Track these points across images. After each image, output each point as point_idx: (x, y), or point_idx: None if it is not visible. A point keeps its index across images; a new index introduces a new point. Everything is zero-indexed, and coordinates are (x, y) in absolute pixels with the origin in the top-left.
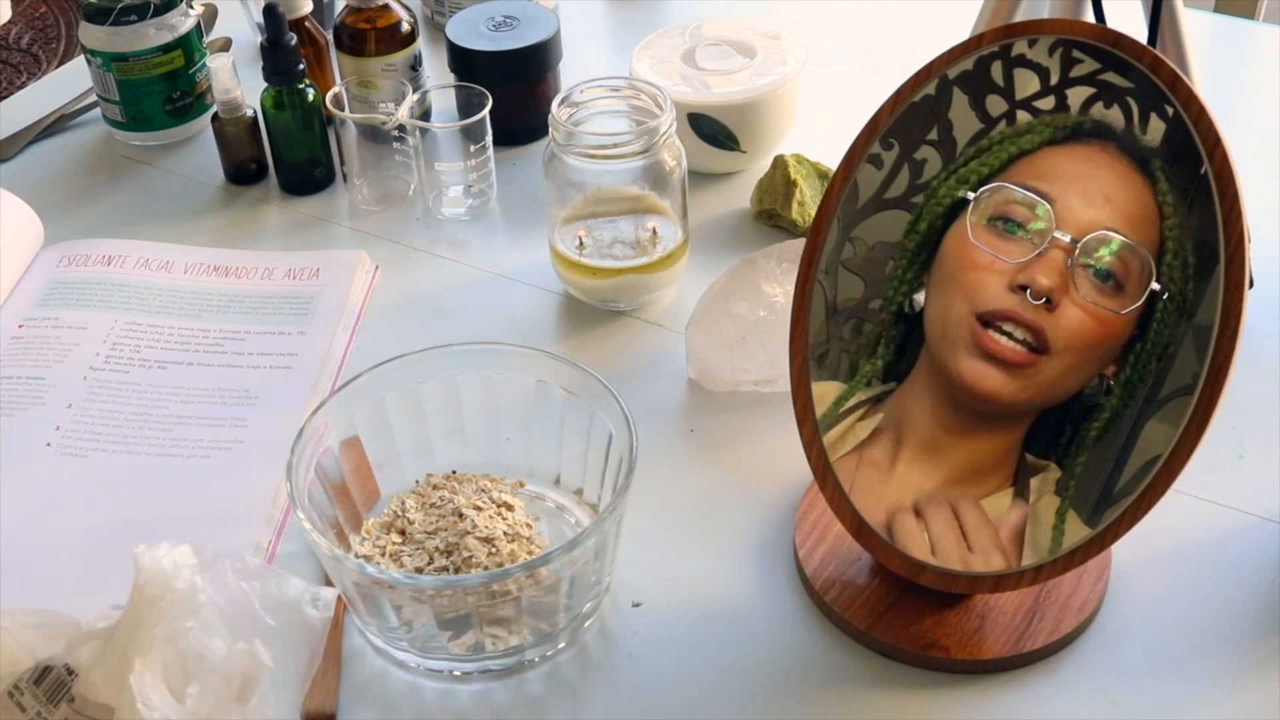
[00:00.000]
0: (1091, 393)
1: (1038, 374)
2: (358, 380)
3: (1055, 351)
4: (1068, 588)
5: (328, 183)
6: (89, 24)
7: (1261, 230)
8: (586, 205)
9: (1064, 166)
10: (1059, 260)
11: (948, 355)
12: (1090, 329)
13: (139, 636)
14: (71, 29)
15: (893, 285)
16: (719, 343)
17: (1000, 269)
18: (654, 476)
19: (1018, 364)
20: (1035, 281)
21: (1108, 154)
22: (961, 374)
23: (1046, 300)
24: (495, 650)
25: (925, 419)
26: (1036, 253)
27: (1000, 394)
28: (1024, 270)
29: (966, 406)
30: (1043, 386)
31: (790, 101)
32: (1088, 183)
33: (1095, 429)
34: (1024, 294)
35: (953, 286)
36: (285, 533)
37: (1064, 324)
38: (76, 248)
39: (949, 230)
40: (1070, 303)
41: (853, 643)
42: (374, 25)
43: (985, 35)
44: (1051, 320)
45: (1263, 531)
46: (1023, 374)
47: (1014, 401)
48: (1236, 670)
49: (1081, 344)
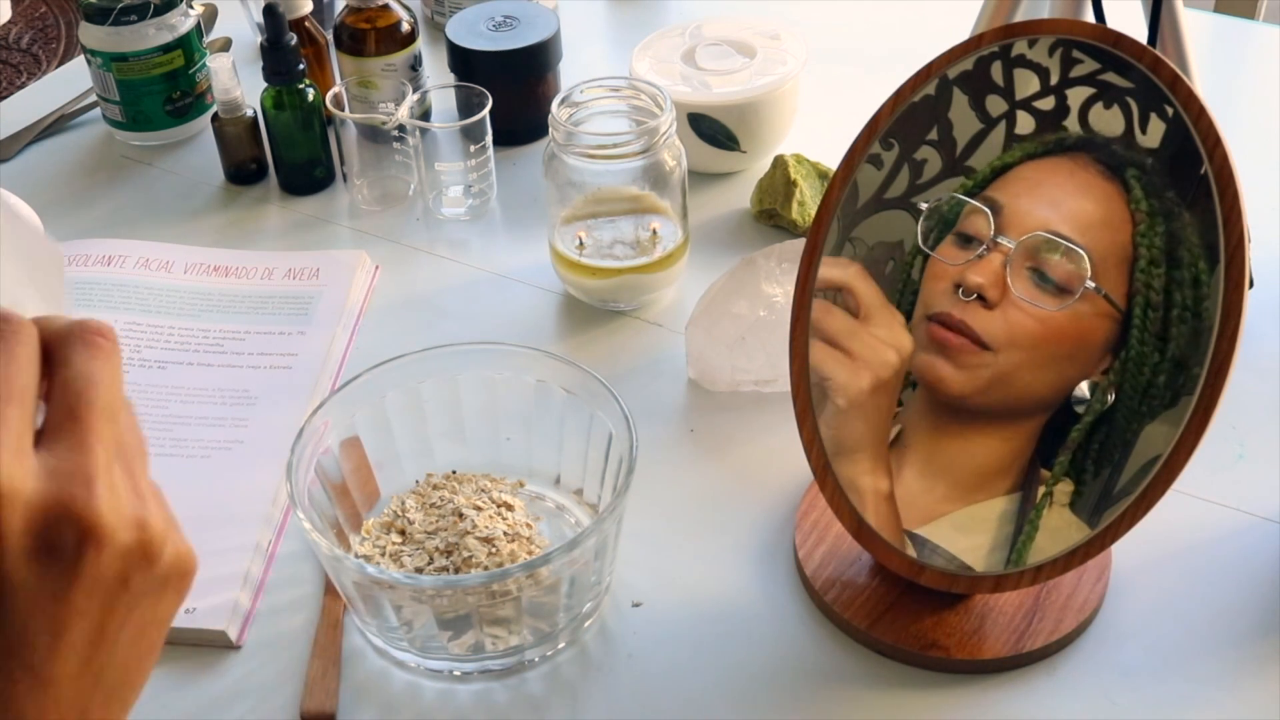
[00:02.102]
0: (1080, 400)
1: (984, 366)
2: (358, 380)
3: (999, 348)
4: (1068, 588)
5: (328, 183)
6: (89, 24)
7: (1261, 230)
8: (586, 205)
9: (1027, 177)
10: (996, 262)
11: (915, 358)
12: (1030, 327)
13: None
14: (71, 29)
15: (893, 299)
16: (719, 343)
17: (949, 275)
18: (654, 476)
19: (959, 350)
20: (965, 279)
21: (1077, 163)
22: (918, 368)
23: (979, 298)
24: (495, 650)
25: (926, 424)
26: (975, 255)
27: (948, 382)
28: (960, 272)
29: (948, 410)
30: (996, 382)
31: (790, 101)
32: (1040, 189)
33: (1078, 431)
34: (958, 294)
35: (920, 298)
36: (285, 533)
37: (1001, 322)
38: (76, 248)
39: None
40: (1009, 303)
41: (853, 643)
42: (374, 25)
43: (985, 35)
44: (984, 318)
45: (1263, 531)
46: (967, 363)
47: (963, 392)
48: (1236, 670)
49: (1025, 342)
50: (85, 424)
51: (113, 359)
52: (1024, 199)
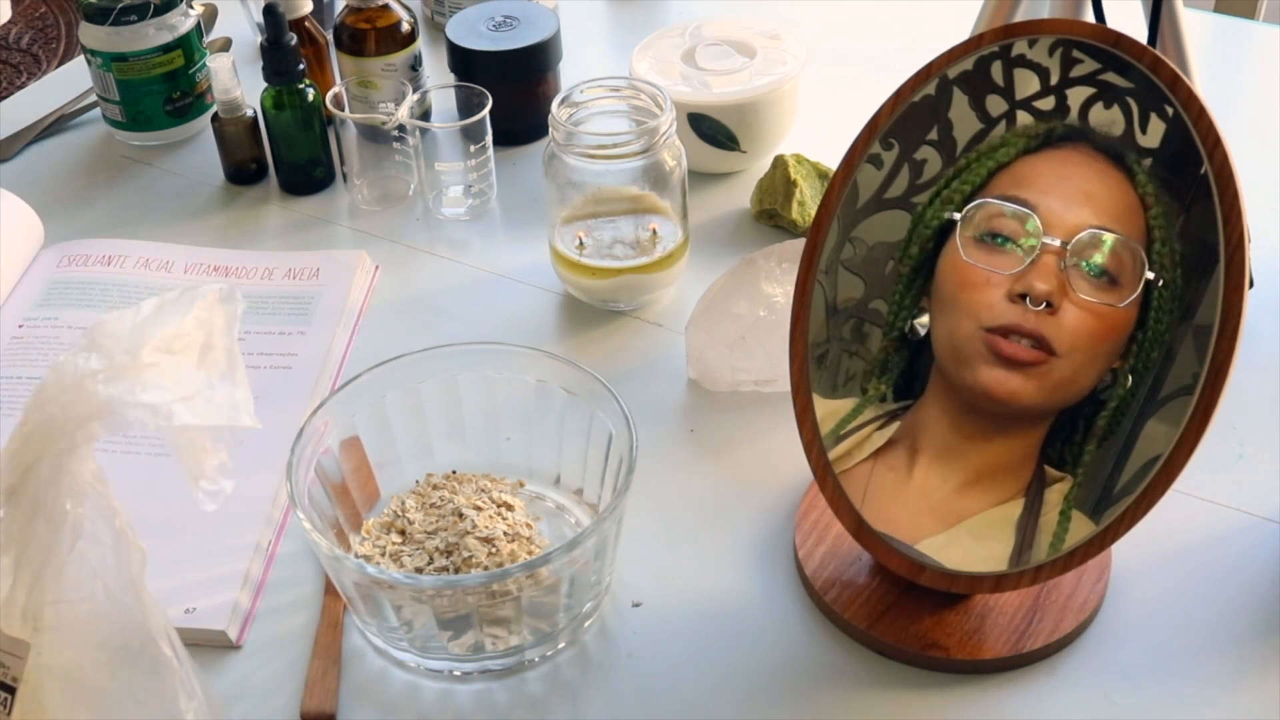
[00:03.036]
0: (1103, 389)
1: (1050, 374)
2: (358, 380)
3: (1062, 353)
4: (1068, 588)
5: (328, 183)
6: (89, 24)
7: (1261, 230)
8: (586, 205)
9: (1041, 172)
10: (1052, 265)
11: (963, 371)
12: (1092, 326)
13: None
14: (71, 29)
15: (893, 311)
16: (719, 343)
17: (997, 282)
18: (654, 476)
19: (1031, 363)
20: (1033, 288)
21: (1082, 154)
22: (982, 384)
23: (1047, 305)
24: (495, 650)
25: (942, 428)
26: (1029, 261)
27: (1020, 395)
28: (1020, 279)
29: (983, 413)
30: (1058, 387)
31: (790, 101)
32: (1067, 185)
33: (1104, 419)
34: (1024, 302)
35: (954, 308)
36: (285, 533)
37: (1067, 325)
38: (76, 248)
39: (941, 253)
40: (1070, 304)
41: (853, 643)
42: (374, 25)
43: (985, 35)
44: (1054, 324)
45: (1263, 531)
46: (1037, 373)
47: (1033, 402)
48: (1236, 670)
49: (1086, 342)
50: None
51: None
52: (1053, 196)
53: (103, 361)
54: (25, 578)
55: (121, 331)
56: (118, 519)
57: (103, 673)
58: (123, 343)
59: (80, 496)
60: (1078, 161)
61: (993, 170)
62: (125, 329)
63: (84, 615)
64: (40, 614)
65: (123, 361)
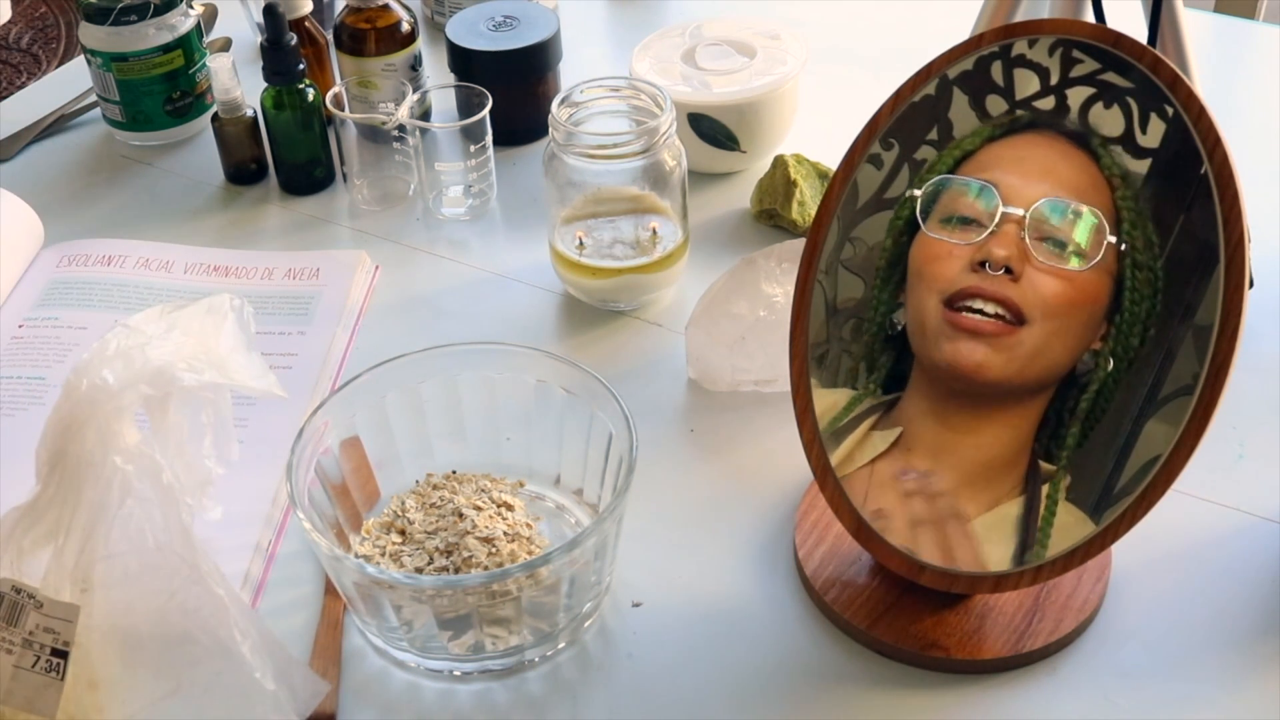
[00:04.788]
0: (1084, 371)
1: (1020, 345)
2: (358, 380)
3: (1033, 319)
4: (1068, 588)
5: (328, 183)
6: (89, 24)
7: (1261, 230)
8: (586, 205)
9: (1003, 156)
10: (1013, 233)
11: (930, 350)
12: (1061, 291)
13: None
14: (71, 29)
15: (873, 305)
16: (719, 343)
17: (959, 253)
18: (654, 476)
19: (995, 334)
20: (992, 254)
21: (1046, 138)
22: (948, 358)
23: (1007, 270)
24: (495, 650)
25: (930, 422)
26: (989, 231)
27: (988, 367)
28: (980, 249)
29: (964, 397)
30: (1031, 358)
31: (790, 101)
32: (1026, 163)
33: (1086, 400)
34: (984, 269)
35: (919, 283)
36: (285, 533)
37: (1033, 291)
38: (76, 248)
39: (911, 242)
40: (1033, 269)
41: (853, 643)
42: (374, 25)
43: (985, 35)
44: (1019, 289)
45: (1263, 531)
46: (1004, 345)
47: (1003, 376)
48: (1236, 670)
49: (1057, 308)
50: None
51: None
52: (1013, 175)
53: (142, 337)
54: (75, 541)
55: (153, 317)
56: (165, 474)
57: (154, 618)
58: (156, 325)
59: (129, 454)
60: (1040, 144)
61: (959, 159)
62: (154, 315)
63: (134, 568)
64: (90, 573)
65: (161, 334)
